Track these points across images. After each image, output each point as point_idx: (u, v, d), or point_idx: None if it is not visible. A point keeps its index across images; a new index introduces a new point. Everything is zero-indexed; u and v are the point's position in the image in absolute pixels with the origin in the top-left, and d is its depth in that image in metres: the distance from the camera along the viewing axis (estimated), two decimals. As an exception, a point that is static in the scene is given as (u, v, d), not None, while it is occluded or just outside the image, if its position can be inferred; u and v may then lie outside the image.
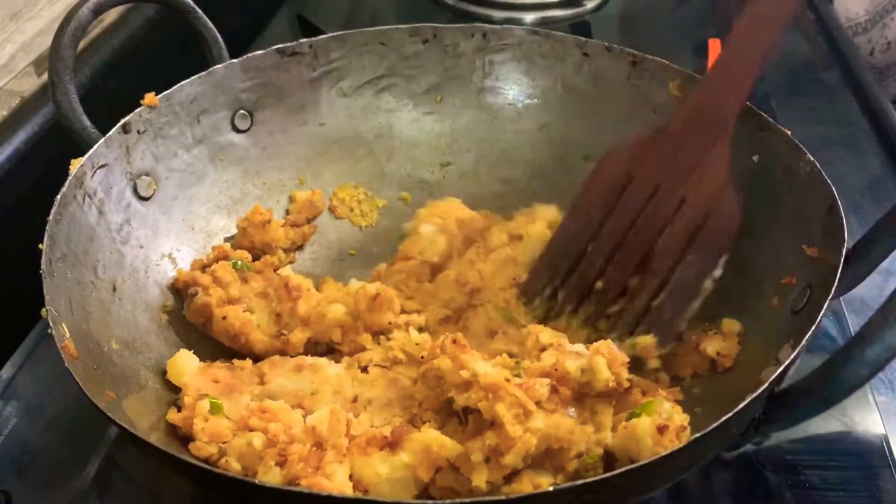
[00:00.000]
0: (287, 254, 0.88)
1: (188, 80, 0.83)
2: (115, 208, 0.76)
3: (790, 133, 0.75)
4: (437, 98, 0.95)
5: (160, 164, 0.82)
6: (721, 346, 0.72)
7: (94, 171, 0.74)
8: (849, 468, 0.72)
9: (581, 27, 1.36)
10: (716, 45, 1.14)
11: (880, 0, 1.41)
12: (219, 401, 0.67)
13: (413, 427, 0.66)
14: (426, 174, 0.95)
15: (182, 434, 0.67)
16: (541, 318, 0.80)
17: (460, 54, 0.93)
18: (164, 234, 0.81)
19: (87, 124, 0.77)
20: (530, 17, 1.37)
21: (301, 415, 0.66)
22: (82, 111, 0.77)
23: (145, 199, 0.80)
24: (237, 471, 0.63)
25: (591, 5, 1.39)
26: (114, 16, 1.13)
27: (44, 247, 0.65)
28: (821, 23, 1.37)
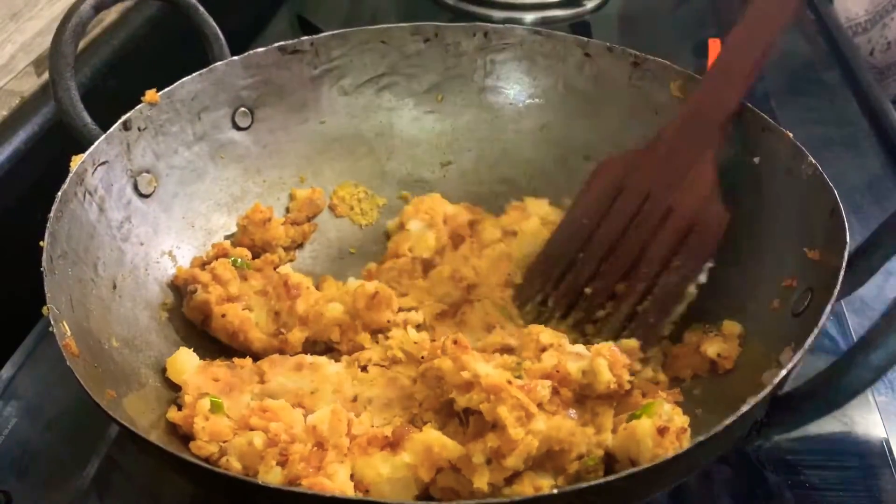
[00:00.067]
0: (287, 252, 0.88)
1: (189, 77, 0.83)
2: (115, 205, 0.76)
3: (791, 135, 0.75)
4: (438, 97, 0.95)
5: (161, 161, 0.81)
6: (721, 348, 0.72)
7: (95, 168, 0.74)
8: (849, 468, 0.73)
9: (581, 27, 1.36)
10: (716, 45, 1.13)
11: (880, 0, 1.41)
12: (219, 399, 0.67)
13: (414, 427, 0.66)
14: (426, 173, 0.95)
15: (182, 433, 0.67)
16: (532, 322, 0.80)
17: (462, 53, 0.93)
18: (165, 232, 0.81)
19: (88, 121, 0.77)
20: (530, 17, 1.36)
21: (301, 414, 0.66)
22: (83, 108, 0.77)
23: (146, 196, 0.80)
24: (238, 470, 0.63)
25: (591, 5, 1.39)
26: (114, 15, 1.13)
27: (45, 244, 0.65)
28: (821, 23, 1.38)
